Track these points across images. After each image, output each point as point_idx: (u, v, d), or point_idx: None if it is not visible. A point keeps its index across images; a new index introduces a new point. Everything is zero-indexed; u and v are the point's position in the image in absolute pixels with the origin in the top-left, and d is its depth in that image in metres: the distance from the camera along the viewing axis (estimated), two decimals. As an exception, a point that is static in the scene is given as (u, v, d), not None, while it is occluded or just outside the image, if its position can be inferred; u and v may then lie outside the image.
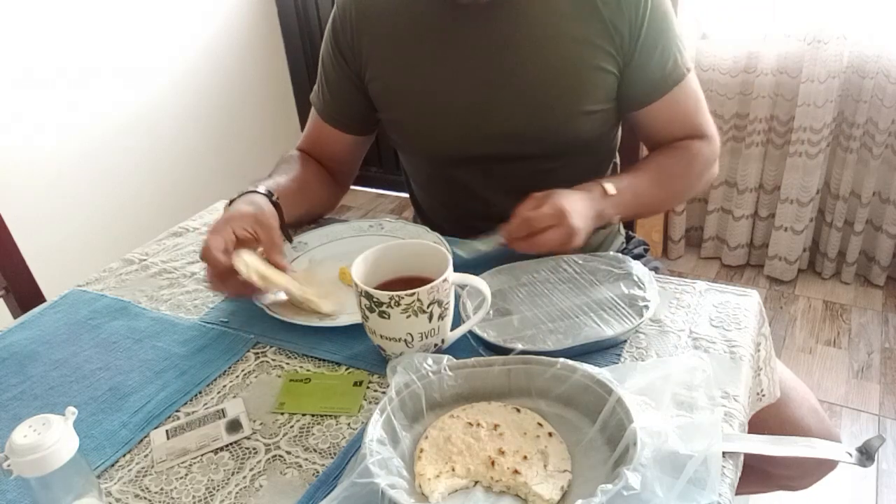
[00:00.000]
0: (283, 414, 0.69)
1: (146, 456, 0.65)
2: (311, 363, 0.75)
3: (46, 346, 0.81)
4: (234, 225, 0.80)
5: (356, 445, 0.63)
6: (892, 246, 2.04)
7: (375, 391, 0.71)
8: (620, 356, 0.72)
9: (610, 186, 0.89)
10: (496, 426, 0.60)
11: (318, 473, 0.61)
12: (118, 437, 0.67)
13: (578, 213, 0.82)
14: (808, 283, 2.17)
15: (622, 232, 1.16)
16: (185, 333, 0.81)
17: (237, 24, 2.47)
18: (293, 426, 0.67)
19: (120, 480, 0.63)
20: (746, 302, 0.79)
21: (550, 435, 0.60)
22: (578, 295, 0.78)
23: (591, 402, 0.61)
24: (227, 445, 0.65)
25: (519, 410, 0.62)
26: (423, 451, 0.58)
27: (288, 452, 0.64)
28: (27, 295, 1.20)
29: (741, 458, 0.62)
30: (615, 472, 0.53)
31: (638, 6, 0.88)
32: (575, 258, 0.83)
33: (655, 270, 0.99)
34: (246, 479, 0.62)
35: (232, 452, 0.65)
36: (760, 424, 0.80)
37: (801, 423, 0.91)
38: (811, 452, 0.65)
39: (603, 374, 0.61)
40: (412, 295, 0.65)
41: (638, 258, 1.05)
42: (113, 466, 0.64)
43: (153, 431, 0.68)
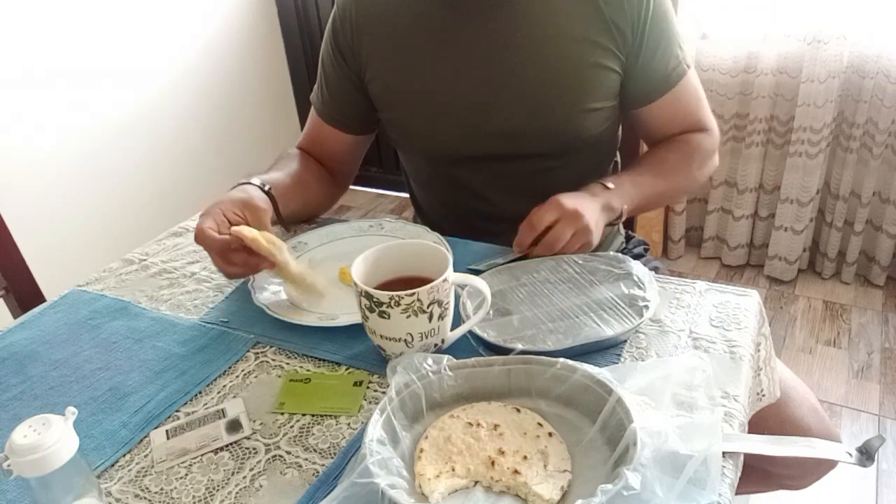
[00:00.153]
0: (283, 414, 0.69)
1: (146, 456, 0.65)
2: (311, 363, 0.75)
3: (46, 346, 0.81)
4: (223, 208, 0.82)
5: (356, 445, 0.63)
6: (892, 246, 2.04)
7: (375, 391, 0.71)
8: (620, 356, 0.72)
9: (609, 182, 0.91)
10: (496, 426, 0.60)
11: (318, 473, 0.61)
12: (118, 437, 0.67)
13: (581, 205, 0.83)
14: (808, 283, 2.17)
15: (622, 232, 1.16)
16: (185, 333, 0.81)
17: (237, 24, 2.47)
18: (293, 426, 0.67)
19: (120, 480, 0.63)
20: (746, 302, 0.79)
21: (550, 435, 0.60)
22: (578, 295, 0.78)
23: (591, 402, 0.61)
24: (227, 445, 0.65)
25: (519, 410, 0.62)
26: (423, 451, 0.58)
27: (288, 452, 0.64)
28: (27, 295, 1.20)
29: (741, 458, 0.62)
30: (615, 472, 0.53)
31: (640, 6, 0.89)
32: (575, 258, 0.83)
33: (655, 270, 0.99)
34: (246, 479, 0.62)
35: (232, 452, 0.65)
36: (761, 424, 0.80)
37: (801, 422, 0.91)
38: (811, 452, 0.65)
39: (603, 374, 0.61)
40: (412, 295, 0.65)
41: (638, 258, 1.05)
42: (113, 466, 0.64)
43: (153, 431, 0.68)
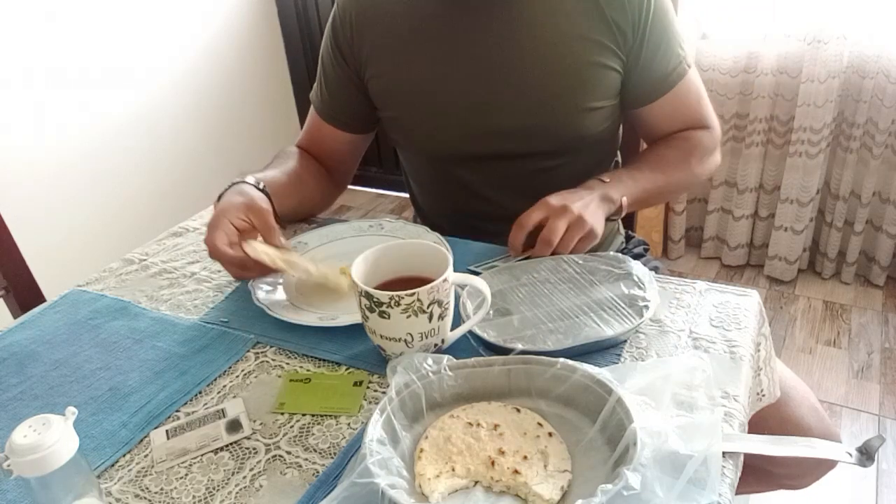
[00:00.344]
0: (283, 414, 0.69)
1: (146, 456, 0.65)
2: (311, 363, 0.75)
3: (46, 346, 0.81)
4: (229, 217, 0.82)
5: (356, 445, 0.63)
6: (892, 246, 2.04)
7: (375, 391, 0.71)
8: (620, 356, 0.72)
9: (605, 176, 0.92)
10: (496, 426, 0.60)
11: (318, 473, 0.61)
12: (118, 437, 0.67)
13: (570, 199, 0.84)
14: (808, 283, 2.17)
15: (622, 232, 1.16)
16: (185, 333, 0.81)
17: (237, 24, 2.47)
18: (293, 426, 0.67)
19: (120, 480, 0.63)
20: (746, 302, 0.79)
21: (550, 435, 0.60)
22: (578, 295, 0.78)
23: (591, 402, 0.61)
24: (227, 445, 0.65)
25: (519, 410, 0.62)
26: (423, 451, 0.58)
27: (288, 452, 0.64)
28: (27, 295, 1.20)
29: (741, 458, 0.62)
30: (615, 472, 0.53)
31: (641, 5, 0.89)
32: (575, 258, 0.83)
33: (655, 270, 0.99)
34: (246, 479, 0.62)
35: (232, 452, 0.65)
36: (761, 423, 0.80)
37: (801, 422, 0.91)
38: (811, 452, 0.65)
39: (603, 374, 0.61)
40: (412, 295, 0.65)
41: (638, 258, 1.05)
42: (113, 466, 0.64)
43: (153, 431, 0.68)
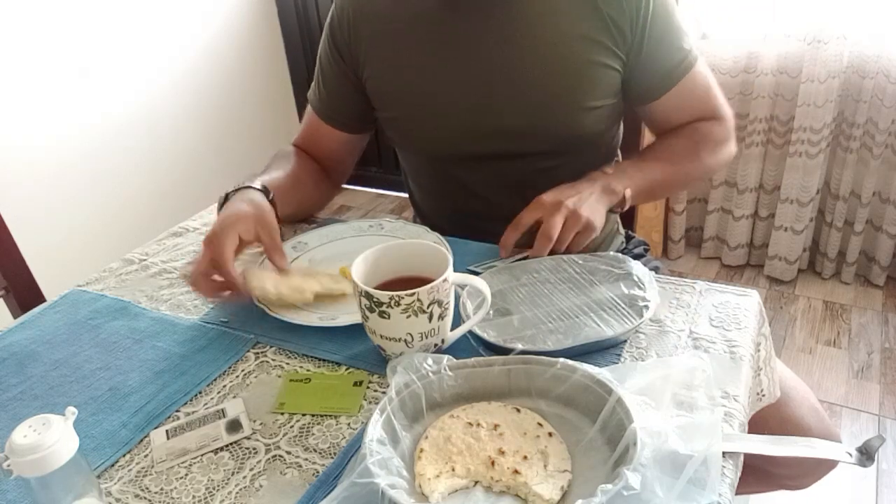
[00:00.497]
0: (283, 414, 0.69)
1: (146, 456, 0.65)
2: (311, 363, 0.75)
3: (46, 346, 0.81)
4: (239, 229, 0.80)
5: (356, 445, 0.63)
6: (892, 246, 2.04)
7: (375, 391, 0.71)
8: (620, 356, 0.72)
9: (608, 168, 0.91)
10: (496, 426, 0.60)
11: (318, 473, 0.61)
12: (118, 437, 0.67)
13: (564, 195, 0.83)
14: (808, 283, 2.17)
15: (622, 232, 1.16)
16: (185, 333, 0.81)
17: (237, 24, 2.47)
18: (293, 426, 0.67)
19: (120, 480, 0.63)
20: (746, 302, 0.79)
21: (550, 435, 0.60)
22: (578, 295, 0.78)
23: (591, 402, 0.61)
24: (227, 445, 0.65)
25: (519, 410, 0.62)
26: (423, 451, 0.58)
27: (288, 452, 0.64)
28: (27, 295, 1.20)
29: (741, 458, 0.62)
30: (615, 472, 0.53)
31: (640, 4, 0.88)
32: (575, 258, 0.83)
33: (655, 270, 0.99)
34: (246, 479, 0.62)
35: (232, 452, 0.65)
36: (761, 424, 0.80)
37: (801, 422, 0.91)
38: (811, 452, 0.65)
39: (603, 374, 0.61)
40: (412, 295, 0.65)
41: (637, 258, 1.05)
42: (113, 466, 0.64)
43: (153, 431, 0.68)
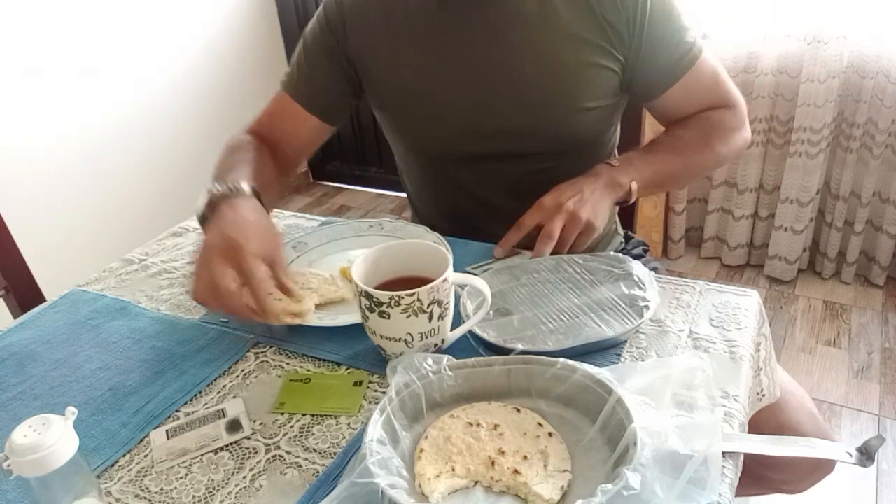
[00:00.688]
0: (283, 414, 0.69)
1: (146, 456, 0.65)
2: (311, 363, 0.75)
3: (46, 346, 0.81)
4: (252, 247, 0.70)
5: (356, 445, 0.63)
6: (892, 246, 2.04)
7: (375, 391, 0.71)
8: (620, 356, 0.72)
9: (614, 161, 0.91)
10: (496, 426, 0.60)
11: (318, 473, 0.61)
12: (118, 437, 0.67)
13: (566, 196, 0.84)
14: (808, 283, 2.17)
15: (621, 232, 1.16)
16: (185, 333, 0.81)
17: (237, 24, 2.47)
18: (293, 426, 0.67)
19: (120, 480, 0.63)
20: (746, 302, 0.79)
21: (550, 435, 0.60)
22: (578, 295, 0.78)
23: (591, 402, 0.61)
24: (227, 445, 0.65)
25: (519, 410, 0.62)
26: (423, 451, 0.58)
27: (288, 452, 0.64)
28: (27, 295, 1.20)
29: (741, 458, 0.62)
30: (615, 472, 0.53)
31: (636, 4, 0.88)
32: (575, 258, 0.83)
33: (655, 271, 0.99)
34: (246, 479, 0.62)
35: (232, 452, 0.65)
36: (757, 430, 0.79)
37: (798, 427, 0.90)
38: (811, 452, 0.65)
39: (603, 374, 0.61)
40: (412, 295, 0.65)
41: (637, 259, 1.05)
42: (113, 466, 0.64)
43: (153, 431, 0.68)
